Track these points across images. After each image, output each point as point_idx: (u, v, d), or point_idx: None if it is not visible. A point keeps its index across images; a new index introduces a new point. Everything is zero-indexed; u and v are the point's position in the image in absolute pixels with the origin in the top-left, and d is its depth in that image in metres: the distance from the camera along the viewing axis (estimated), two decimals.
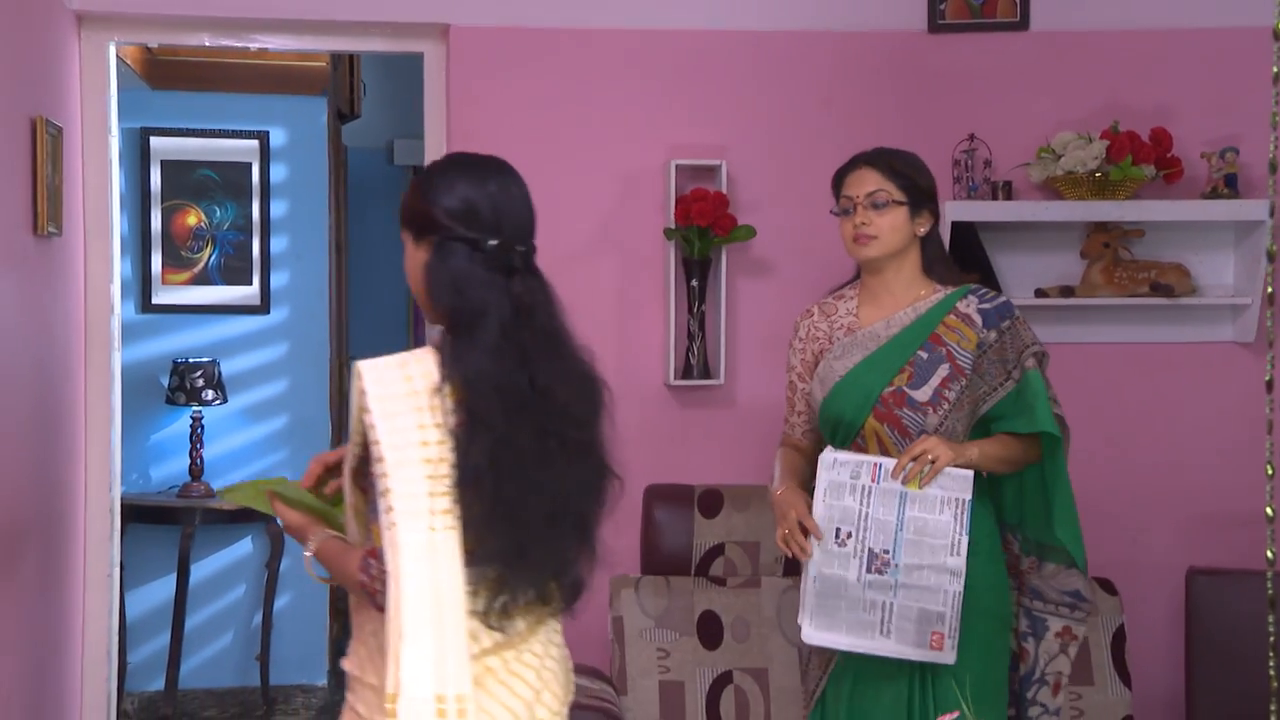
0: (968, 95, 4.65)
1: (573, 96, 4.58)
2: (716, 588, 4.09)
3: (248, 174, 6.13)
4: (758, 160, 4.61)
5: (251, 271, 6.13)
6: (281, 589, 6.08)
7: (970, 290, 3.36)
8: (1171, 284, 4.56)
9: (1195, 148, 4.61)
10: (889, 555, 3.16)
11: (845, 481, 3.22)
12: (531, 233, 2.56)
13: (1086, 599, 3.36)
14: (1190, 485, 4.65)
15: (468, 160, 2.58)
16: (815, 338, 3.44)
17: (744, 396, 4.61)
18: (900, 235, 3.32)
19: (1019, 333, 3.31)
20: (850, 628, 3.17)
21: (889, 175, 3.33)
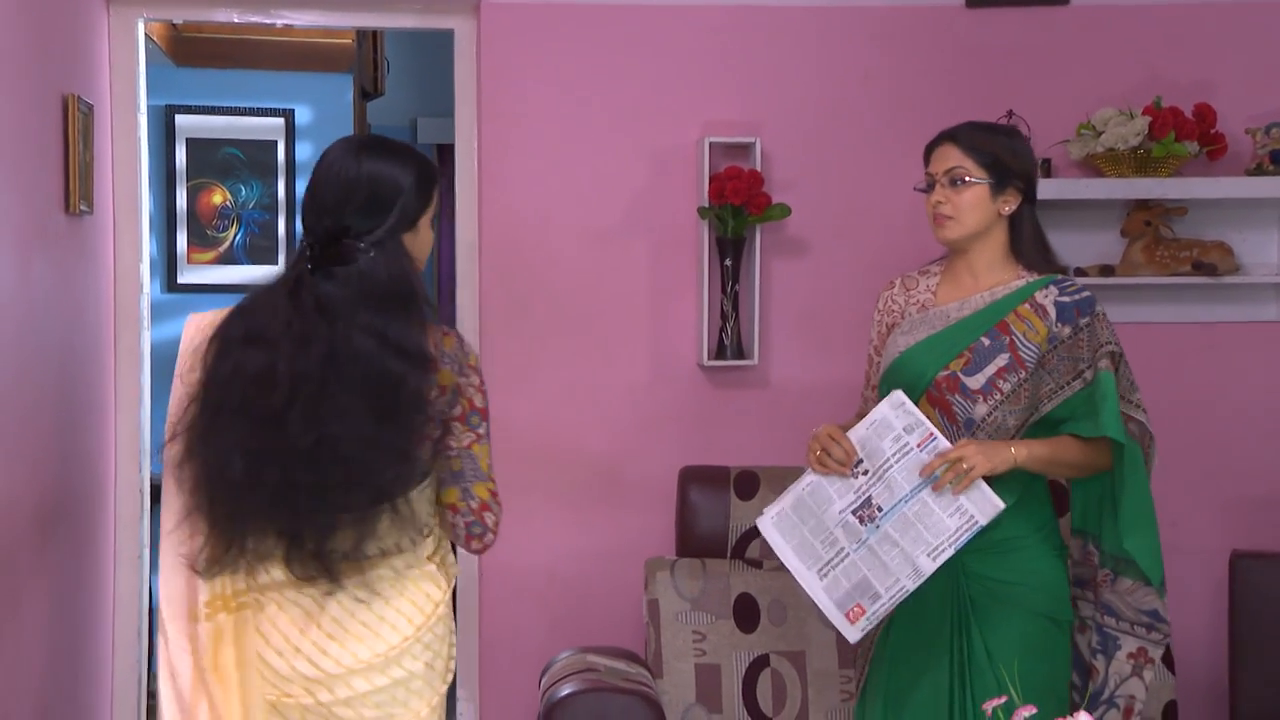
0: (1006, 71, 4.66)
1: (605, 73, 4.61)
2: (753, 570, 4.13)
3: (273, 152, 6.18)
4: (793, 138, 4.63)
5: (277, 250, 6.18)
6: None
7: (1053, 280, 3.29)
8: (1214, 263, 4.57)
9: (1239, 123, 4.63)
10: (879, 513, 3.14)
11: (896, 427, 3.18)
12: (327, 215, 2.73)
13: (1164, 620, 3.26)
14: (1233, 467, 4.67)
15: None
16: (891, 310, 3.43)
17: (778, 377, 4.65)
18: (980, 215, 3.26)
19: (1097, 331, 3.24)
20: (800, 546, 3.20)
21: (969, 151, 3.26)
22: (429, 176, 2.82)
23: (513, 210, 4.60)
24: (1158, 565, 3.24)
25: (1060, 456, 3.21)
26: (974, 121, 3.37)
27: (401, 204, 2.74)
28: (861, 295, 4.51)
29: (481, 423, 2.78)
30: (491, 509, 2.79)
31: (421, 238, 2.82)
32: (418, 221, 2.80)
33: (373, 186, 2.73)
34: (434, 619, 2.79)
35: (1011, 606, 3.23)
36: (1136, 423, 3.25)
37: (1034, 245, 3.32)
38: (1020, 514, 3.24)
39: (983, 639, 3.23)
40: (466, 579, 4.56)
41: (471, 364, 2.79)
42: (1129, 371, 3.28)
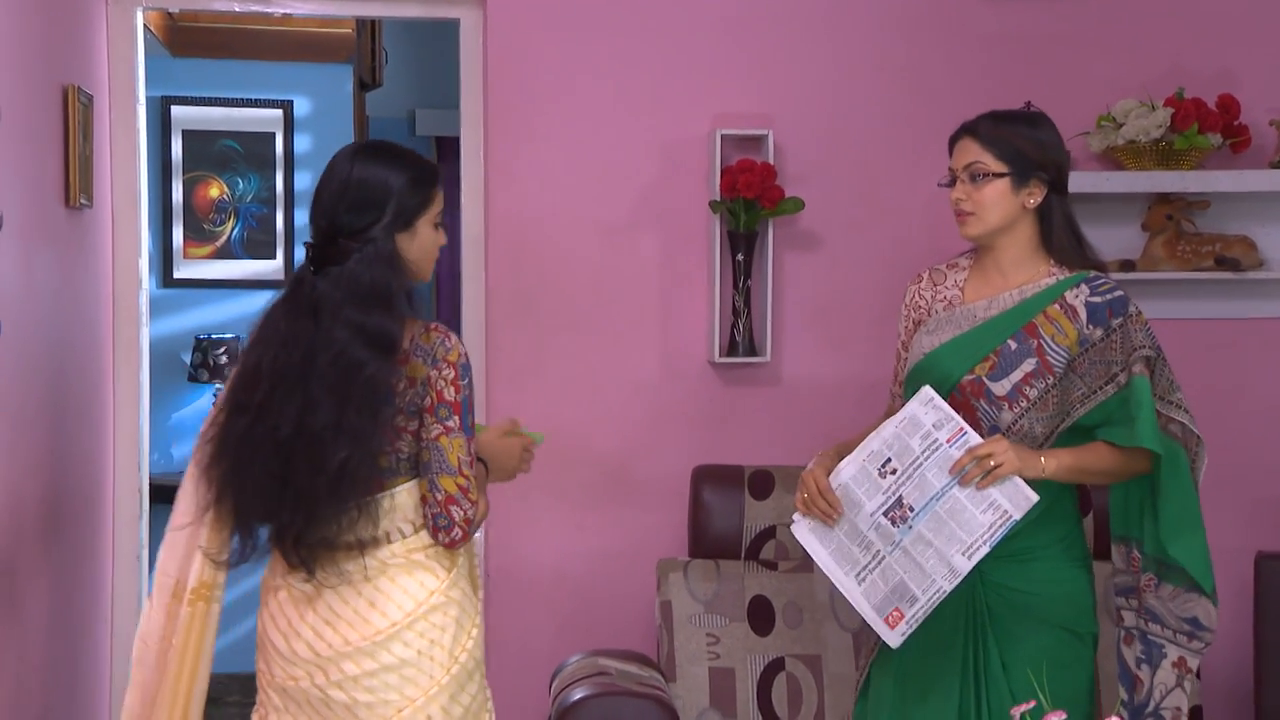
0: (1024, 61, 4.67)
1: (613, 63, 4.62)
2: (768, 572, 4.14)
3: (271, 144, 6.20)
4: (806, 130, 4.64)
5: (275, 245, 6.20)
6: None
7: (1085, 278, 3.24)
8: (1237, 258, 4.59)
9: (1263, 115, 4.64)
10: (911, 513, 3.14)
11: (925, 424, 3.17)
12: (323, 215, 2.93)
13: (1206, 628, 3.23)
14: (1257, 466, 4.69)
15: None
16: (918, 306, 3.40)
17: (791, 374, 4.66)
18: (1002, 210, 3.23)
19: (1130, 333, 3.19)
20: (836, 551, 3.19)
21: (988, 144, 3.22)
22: (425, 179, 2.96)
23: (519, 204, 4.61)
24: (1208, 571, 3.22)
25: (1091, 465, 3.19)
26: (997, 111, 3.32)
27: (394, 205, 2.89)
28: (877, 291, 4.56)
29: (451, 416, 2.87)
30: (459, 503, 2.88)
31: (420, 240, 2.96)
32: (414, 223, 2.94)
33: (361, 188, 2.90)
34: (427, 607, 2.90)
35: (1030, 617, 3.23)
36: (1178, 424, 3.23)
37: (1065, 238, 3.27)
38: (1043, 524, 3.23)
39: (999, 649, 3.23)
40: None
41: (449, 358, 2.89)
42: (1169, 371, 3.26)
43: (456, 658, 2.93)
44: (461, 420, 2.89)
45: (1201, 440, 3.25)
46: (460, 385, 2.89)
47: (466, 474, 2.89)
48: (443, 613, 2.92)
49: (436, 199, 2.98)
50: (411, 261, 2.95)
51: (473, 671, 2.98)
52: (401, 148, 3.02)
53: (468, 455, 2.89)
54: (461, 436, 2.89)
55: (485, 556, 4.66)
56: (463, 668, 2.94)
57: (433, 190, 2.98)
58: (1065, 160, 3.30)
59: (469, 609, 2.98)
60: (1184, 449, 3.24)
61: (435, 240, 3.00)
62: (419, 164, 2.98)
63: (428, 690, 2.90)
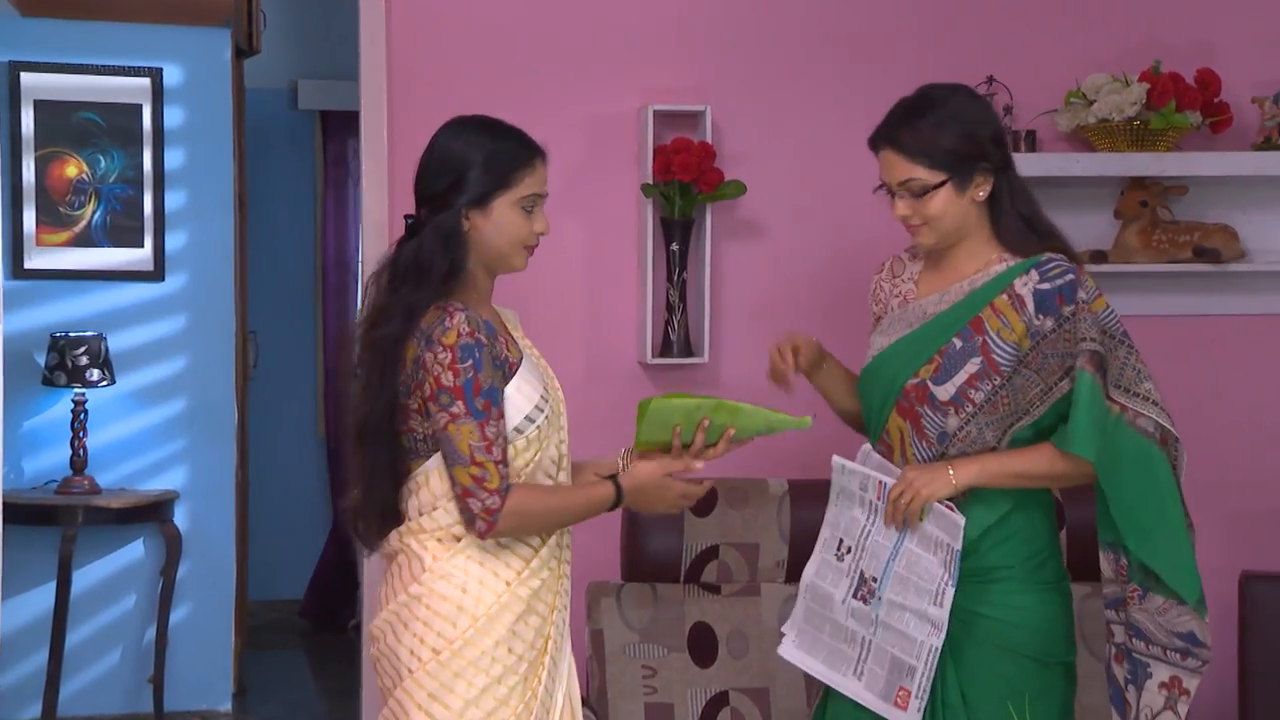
0: (986, 32, 4.66)
1: (533, 31, 4.55)
2: (710, 596, 4.08)
3: (137, 118, 6.07)
4: (748, 105, 4.59)
5: (143, 232, 6.08)
6: (179, 600, 6.04)
7: (1036, 263, 3.22)
8: (1218, 248, 4.60)
9: (1244, 91, 4.66)
10: (875, 584, 3.23)
11: (855, 491, 3.29)
12: (415, 187, 3.15)
13: (1203, 644, 3.20)
14: (1239, 477, 4.71)
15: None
16: (879, 299, 3.43)
17: (730, 377, 4.61)
18: (955, 215, 3.21)
19: (1079, 323, 3.18)
20: (829, 656, 3.30)
21: (917, 156, 3.18)
22: (508, 156, 3.09)
23: None
24: (1191, 580, 3.20)
25: (1027, 469, 3.19)
26: (908, 108, 3.24)
27: (467, 180, 3.05)
28: (824, 284, 4.54)
29: (454, 401, 2.98)
30: (475, 495, 3.00)
31: (498, 222, 3.08)
32: (489, 202, 3.07)
33: (440, 159, 3.11)
34: (410, 599, 3.05)
35: (990, 645, 3.22)
36: (1149, 419, 3.20)
37: (1014, 222, 3.25)
38: (1004, 541, 3.23)
39: (958, 679, 3.23)
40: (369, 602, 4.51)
41: (444, 340, 2.98)
42: (1135, 360, 3.23)
43: (463, 653, 3.03)
44: (468, 405, 2.98)
45: (1179, 439, 3.23)
46: (459, 369, 2.97)
47: (481, 461, 2.99)
48: (426, 605, 3.04)
49: (523, 180, 3.09)
50: (488, 246, 3.09)
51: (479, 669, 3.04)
52: (502, 123, 3.17)
53: (481, 440, 2.98)
54: (471, 422, 2.98)
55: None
56: (468, 664, 3.03)
57: (517, 170, 3.09)
58: (1001, 133, 3.28)
59: (482, 605, 3.05)
60: (1157, 446, 3.20)
61: (522, 225, 3.11)
62: (506, 139, 3.12)
63: (402, 683, 3.06)
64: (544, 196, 3.15)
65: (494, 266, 3.15)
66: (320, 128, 7.83)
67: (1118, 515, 3.20)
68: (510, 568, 3.07)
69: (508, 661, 3.04)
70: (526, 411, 3.07)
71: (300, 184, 7.98)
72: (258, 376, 7.37)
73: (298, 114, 7.91)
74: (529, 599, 3.07)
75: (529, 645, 3.08)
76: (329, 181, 7.83)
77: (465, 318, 3.00)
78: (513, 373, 3.08)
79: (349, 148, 7.77)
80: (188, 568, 6.03)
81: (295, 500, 8.01)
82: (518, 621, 3.06)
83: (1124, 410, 3.19)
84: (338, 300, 7.80)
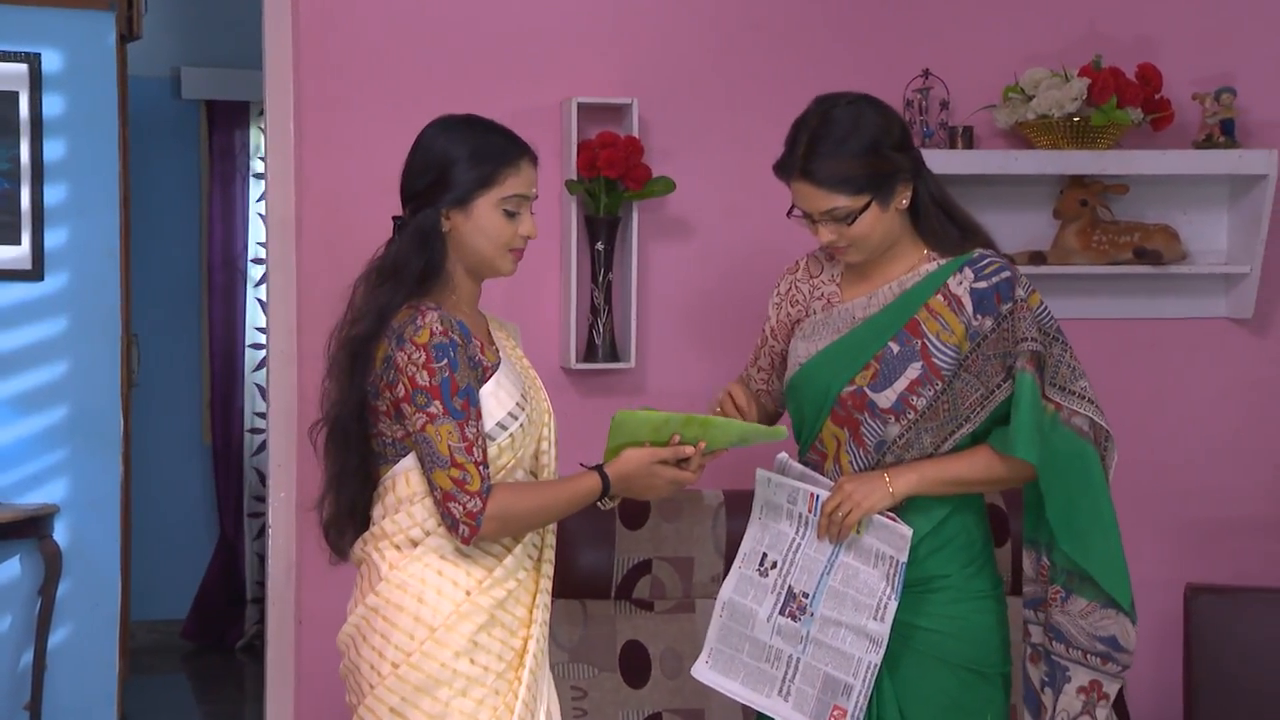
0: (922, 23, 4.73)
1: (451, 19, 4.55)
2: (643, 613, 4.12)
3: (14, 106, 5.95)
4: (676, 99, 4.63)
5: (20, 228, 5.96)
6: (58, 621, 5.94)
7: (969, 260, 3.27)
8: (1159, 249, 4.69)
9: (1185, 88, 4.76)
10: (807, 600, 3.25)
11: (782, 504, 3.31)
12: (401, 184, 3.22)
13: (1124, 649, 3.30)
14: (1181, 487, 4.82)
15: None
16: (795, 300, 3.45)
17: (658, 383, 4.64)
18: (881, 232, 3.25)
19: (1017, 322, 3.22)
20: (748, 677, 3.30)
21: (836, 187, 3.20)
22: (491, 154, 3.13)
23: (339, 182, 4.52)
24: (1123, 583, 3.28)
25: (966, 474, 3.25)
26: (813, 133, 3.23)
27: (448, 179, 3.11)
28: (757, 286, 4.51)
29: (431, 402, 3.01)
30: (457, 499, 3.03)
31: (479, 223, 3.13)
32: (469, 202, 3.12)
33: (423, 156, 3.18)
34: (368, 610, 3.11)
35: (927, 657, 3.28)
36: (1084, 418, 3.27)
37: (937, 222, 3.30)
38: (942, 547, 3.29)
39: (895, 694, 3.28)
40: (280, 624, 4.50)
41: (417, 339, 3.02)
42: (1070, 358, 3.30)
43: (417, 665, 3.05)
44: (446, 404, 3.01)
45: (1111, 435, 3.31)
46: (435, 368, 3.01)
47: (462, 462, 3.02)
48: (380, 616, 3.10)
49: (506, 180, 3.13)
50: (470, 248, 3.15)
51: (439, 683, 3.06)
52: (489, 121, 3.21)
53: (462, 441, 3.01)
54: (450, 422, 3.01)
55: (297, 601, 4.55)
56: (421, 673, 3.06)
57: (500, 169, 3.12)
58: (908, 135, 3.31)
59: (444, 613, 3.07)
60: (1091, 445, 3.29)
61: (504, 228, 3.15)
62: (491, 136, 3.16)
63: (363, 691, 3.15)
64: (530, 199, 3.18)
65: (477, 270, 3.19)
66: (206, 118, 7.75)
67: (1053, 516, 3.27)
68: (471, 576, 3.09)
69: (471, 673, 3.05)
70: (499, 418, 3.10)
71: (184, 178, 7.89)
72: (140, 383, 7.29)
73: (181, 103, 7.82)
74: (492, 609, 3.08)
75: (495, 657, 3.08)
76: (215, 175, 7.74)
77: (438, 317, 3.03)
78: (487, 376, 3.10)
79: (236, 140, 7.71)
80: (68, 587, 5.92)
81: (179, 514, 7.93)
82: (479, 632, 3.06)
83: (1059, 409, 3.27)
84: (225, 302, 7.73)
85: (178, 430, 7.95)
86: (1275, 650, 4.25)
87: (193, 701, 7.44)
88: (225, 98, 7.65)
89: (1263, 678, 4.24)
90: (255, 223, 7.69)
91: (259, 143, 7.66)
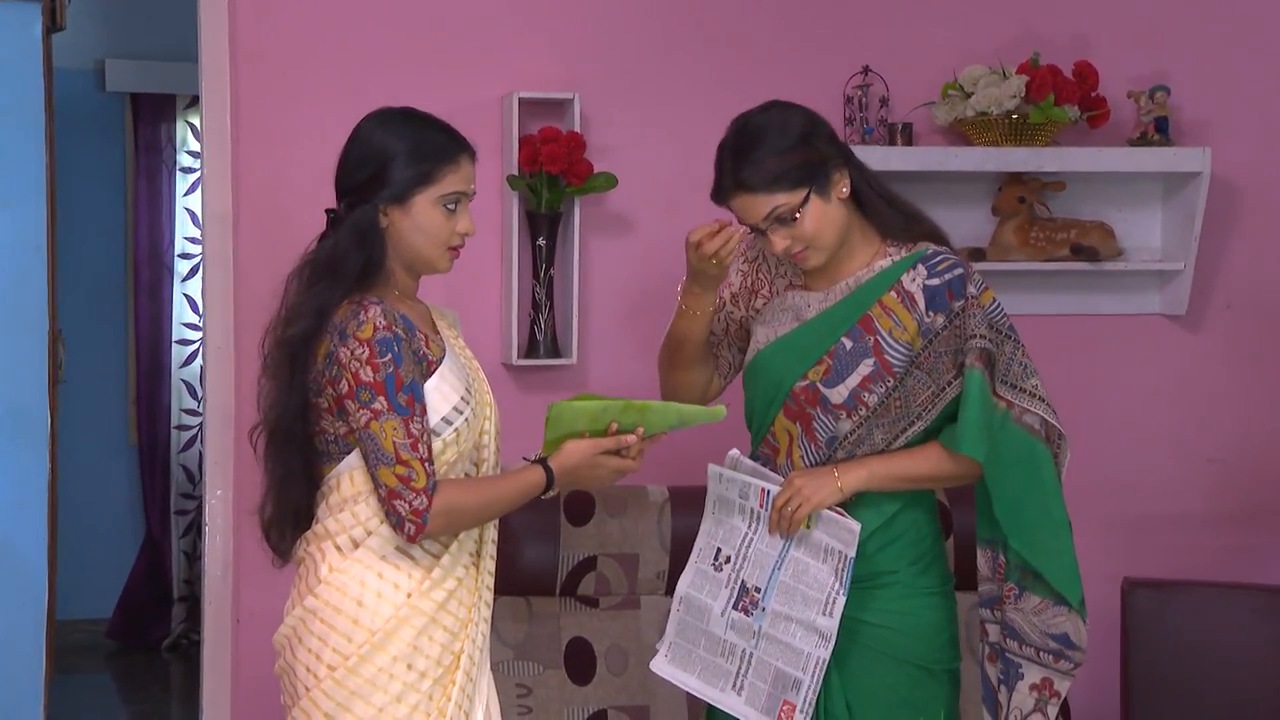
0: (861, 20, 4.75)
1: (390, 12, 4.54)
2: (588, 610, 4.12)
3: None
4: (618, 94, 4.63)
5: None
6: None
7: (922, 256, 3.28)
8: (1094, 246, 4.74)
9: (1120, 85, 4.80)
10: (759, 595, 3.26)
11: (734, 500, 3.32)
12: (337, 178, 3.16)
13: (1076, 646, 3.31)
14: (1116, 482, 4.86)
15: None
16: (763, 268, 3.43)
17: (600, 379, 4.63)
18: (831, 224, 3.23)
19: (968, 319, 3.24)
20: (704, 671, 3.31)
21: (770, 187, 3.20)
22: (430, 151, 3.08)
23: (275, 176, 4.49)
24: (1073, 581, 3.30)
25: (914, 470, 3.26)
26: (737, 147, 3.25)
27: (386, 174, 3.05)
28: None
29: (375, 398, 2.96)
30: (402, 496, 2.97)
31: (418, 220, 3.08)
32: (408, 199, 3.07)
33: (359, 150, 3.12)
34: (305, 612, 3.07)
35: (875, 653, 3.29)
36: (1035, 416, 3.28)
37: (880, 207, 3.30)
38: (891, 543, 3.30)
39: (842, 689, 3.29)
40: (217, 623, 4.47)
41: (360, 334, 2.97)
42: (1022, 355, 3.31)
43: (334, 667, 3.02)
44: (391, 400, 2.96)
45: (1064, 434, 3.33)
46: (379, 363, 2.96)
47: (407, 459, 2.97)
48: (318, 618, 3.06)
49: (445, 177, 3.08)
50: (407, 244, 3.09)
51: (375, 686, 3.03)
52: (428, 115, 3.16)
53: (407, 438, 2.97)
54: (395, 418, 2.96)
55: (234, 599, 4.52)
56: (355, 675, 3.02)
57: (439, 166, 3.07)
58: (830, 129, 3.31)
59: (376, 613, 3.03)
60: (1042, 444, 3.30)
61: (442, 225, 3.10)
62: (430, 132, 3.11)
63: (298, 692, 3.11)
64: (468, 195, 3.14)
65: (414, 266, 3.14)
66: (131, 111, 7.66)
67: (1001, 513, 3.29)
68: (411, 578, 3.04)
69: (408, 679, 3.01)
70: (444, 413, 3.05)
71: (109, 172, 7.80)
72: (64, 379, 7.19)
73: (106, 96, 7.72)
74: (433, 612, 3.04)
75: (434, 661, 3.04)
76: (140, 169, 7.64)
77: (380, 311, 2.99)
78: (432, 370, 3.06)
79: (163, 133, 7.61)
80: None
81: (104, 512, 7.84)
82: (420, 636, 3.02)
83: (1010, 407, 3.28)
84: (150, 298, 7.63)
85: (103, 427, 7.87)
86: (1211, 644, 4.30)
87: (118, 701, 7.36)
88: (150, 90, 7.56)
89: (1199, 671, 4.29)
90: (182, 217, 7.61)
91: (185, 136, 7.59)
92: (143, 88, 7.62)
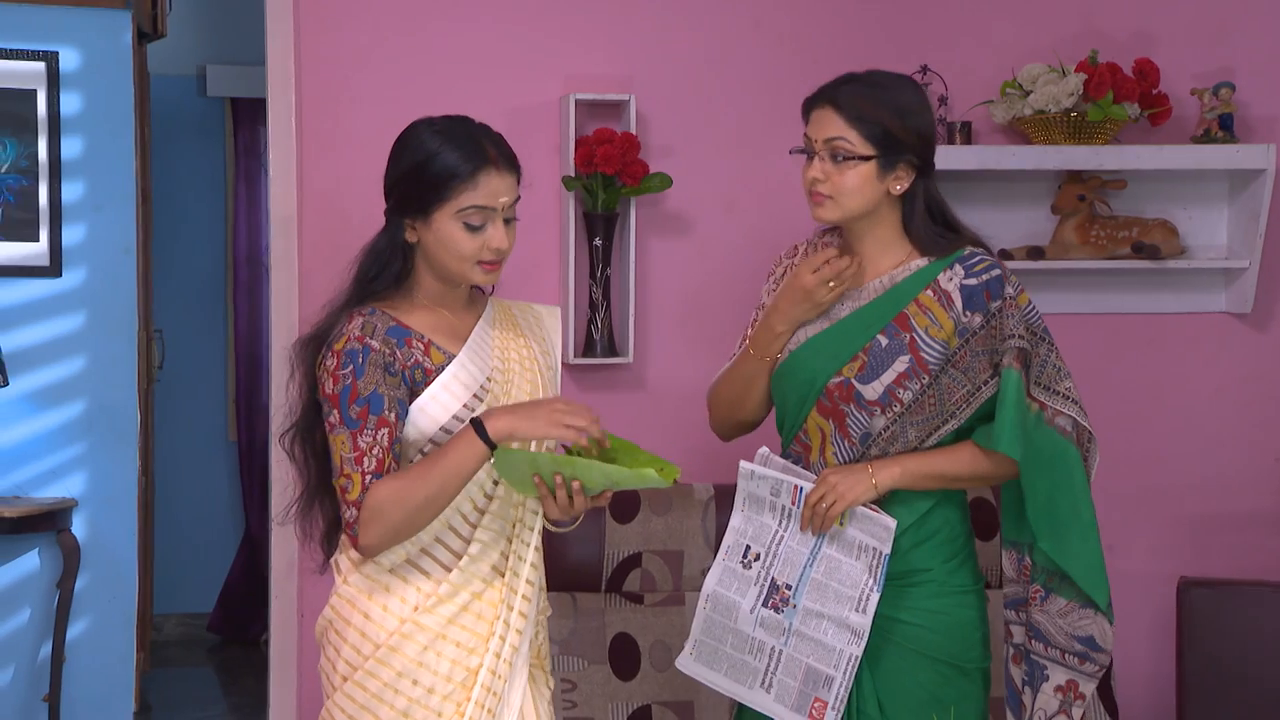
0: (920, 20, 4.75)
1: (450, 16, 4.59)
2: (632, 606, 4.15)
3: (32, 104, 6.01)
4: (673, 95, 4.65)
5: (38, 225, 6.02)
6: (76, 613, 5.98)
7: (960, 257, 3.28)
8: (1157, 244, 4.70)
9: (1184, 83, 4.77)
10: (790, 592, 3.26)
11: (765, 497, 3.32)
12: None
13: (1102, 649, 3.30)
14: (1177, 481, 4.82)
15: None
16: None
17: (656, 377, 4.67)
18: (864, 197, 3.24)
19: (1004, 319, 3.23)
20: (731, 668, 3.32)
21: (854, 121, 3.20)
22: (451, 166, 2.97)
23: (339, 179, 4.56)
24: (1101, 583, 3.30)
25: (949, 469, 3.26)
26: (859, 76, 3.27)
27: (409, 190, 3.00)
28: (752, 281, 4.53)
29: (331, 410, 2.97)
30: (344, 509, 2.97)
31: (439, 235, 2.99)
32: (429, 212, 2.99)
33: (392, 162, 3.08)
34: (326, 620, 3.09)
35: (908, 651, 3.29)
36: (1067, 418, 3.28)
37: (925, 226, 3.29)
38: (924, 540, 3.31)
39: (874, 687, 3.30)
40: (283, 618, 4.56)
41: (335, 346, 2.98)
42: (1055, 357, 3.31)
43: (345, 677, 3.03)
44: (343, 414, 2.94)
45: (1093, 436, 3.32)
46: (339, 375, 2.95)
47: (349, 473, 2.93)
48: (332, 631, 3.08)
49: (459, 194, 2.97)
50: (433, 257, 3.02)
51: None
52: (456, 127, 3.04)
53: (352, 451, 2.93)
54: (344, 432, 2.94)
55: (299, 594, 4.61)
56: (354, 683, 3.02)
57: (452, 184, 2.97)
58: (933, 134, 3.32)
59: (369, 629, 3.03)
60: (1074, 446, 3.30)
61: (464, 241, 2.98)
62: (450, 148, 2.99)
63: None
64: (496, 210, 3.00)
65: (447, 279, 3.05)
66: (230, 115, 7.81)
67: (1033, 514, 3.29)
68: (420, 591, 2.98)
69: (414, 694, 2.95)
70: (443, 422, 2.97)
71: (210, 175, 7.97)
72: (164, 378, 7.36)
73: (207, 101, 7.88)
74: (441, 628, 2.96)
75: (442, 678, 2.96)
76: (240, 172, 7.80)
77: (361, 322, 2.96)
78: (428, 380, 2.98)
79: (261, 137, 7.76)
80: (86, 579, 5.98)
81: (204, 508, 8.00)
82: (425, 652, 2.96)
83: (1044, 408, 3.28)
84: (249, 297, 7.79)
85: (203, 426, 8.03)
86: (1267, 644, 4.26)
87: (218, 693, 7.50)
88: (249, 95, 7.71)
89: (1255, 671, 4.25)
90: None
91: None
92: (242, 92, 7.77)
